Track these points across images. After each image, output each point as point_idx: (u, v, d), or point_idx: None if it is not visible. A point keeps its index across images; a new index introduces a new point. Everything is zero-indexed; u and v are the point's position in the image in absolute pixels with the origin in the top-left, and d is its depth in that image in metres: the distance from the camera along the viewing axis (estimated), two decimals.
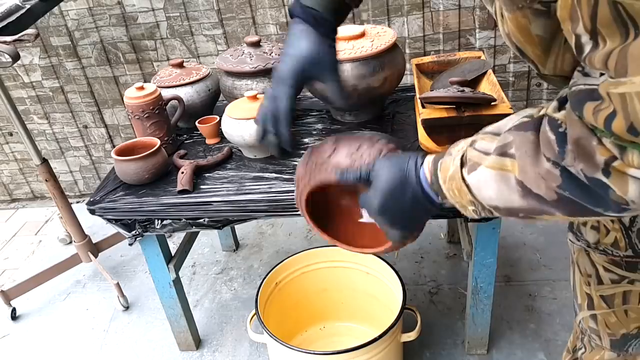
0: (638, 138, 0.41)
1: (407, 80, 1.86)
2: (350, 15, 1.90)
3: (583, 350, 0.94)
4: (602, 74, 0.44)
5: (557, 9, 0.46)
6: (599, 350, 0.89)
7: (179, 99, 1.45)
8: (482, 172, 0.59)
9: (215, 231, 1.94)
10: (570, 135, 0.48)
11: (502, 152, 0.56)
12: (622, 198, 0.46)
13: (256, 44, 1.47)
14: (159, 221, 1.27)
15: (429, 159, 0.68)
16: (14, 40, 1.40)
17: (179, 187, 1.24)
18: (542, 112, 0.55)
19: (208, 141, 1.46)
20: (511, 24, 0.61)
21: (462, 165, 0.62)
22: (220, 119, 1.39)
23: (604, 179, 0.46)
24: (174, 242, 2.07)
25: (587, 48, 0.43)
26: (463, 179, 0.61)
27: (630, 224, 0.75)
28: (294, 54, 0.79)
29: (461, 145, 0.65)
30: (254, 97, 1.31)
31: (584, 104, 0.45)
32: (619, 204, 0.47)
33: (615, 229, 0.76)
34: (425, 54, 1.99)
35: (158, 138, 1.33)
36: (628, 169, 0.44)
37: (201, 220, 1.25)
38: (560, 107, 0.52)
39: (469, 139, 0.64)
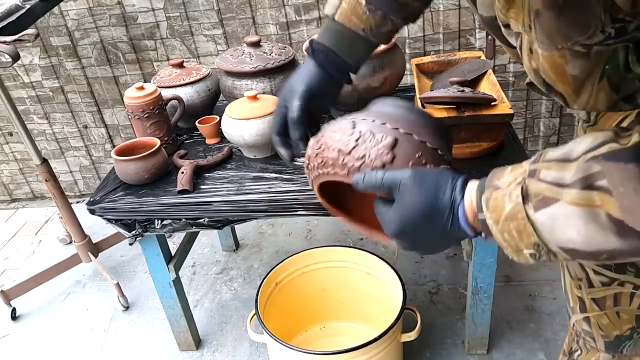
0: None
1: (407, 80, 1.86)
2: None
3: (579, 352, 0.94)
4: None
5: None
6: (594, 352, 0.89)
7: (179, 99, 1.45)
8: (560, 209, 0.50)
9: (215, 231, 1.94)
10: None
11: (588, 185, 0.48)
12: None
13: (256, 44, 1.47)
14: (159, 221, 1.27)
15: (472, 191, 0.58)
16: (14, 40, 1.40)
17: (179, 187, 1.24)
18: (635, 139, 0.48)
19: (208, 141, 1.46)
20: (544, 61, 0.57)
21: (525, 201, 0.52)
22: (220, 119, 1.39)
23: None
24: (174, 242, 2.07)
25: None
26: (528, 217, 0.52)
27: None
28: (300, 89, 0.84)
29: (511, 177, 0.55)
30: (254, 97, 1.31)
31: None
32: None
33: None
34: (425, 54, 1.99)
35: (158, 138, 1.33)
36: None
37: (201, 220, 1.25)
38: None
39: (523, 168, 0.54)
